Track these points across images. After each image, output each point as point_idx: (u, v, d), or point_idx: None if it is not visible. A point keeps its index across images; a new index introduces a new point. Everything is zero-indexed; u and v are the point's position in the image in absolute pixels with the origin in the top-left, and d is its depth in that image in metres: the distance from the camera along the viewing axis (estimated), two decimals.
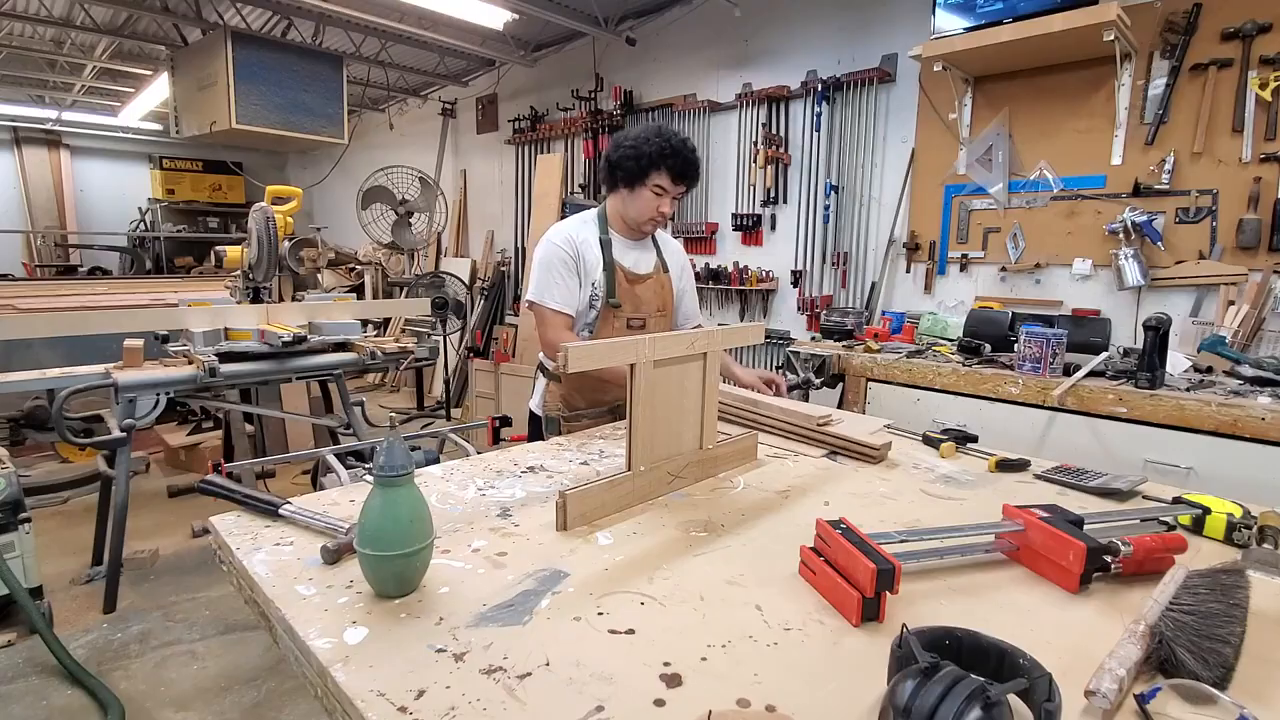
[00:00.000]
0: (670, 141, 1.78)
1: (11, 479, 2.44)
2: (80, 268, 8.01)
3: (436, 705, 0.66)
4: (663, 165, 1.77)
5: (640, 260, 1.96)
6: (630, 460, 1.17)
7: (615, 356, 1.13)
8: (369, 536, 0.84)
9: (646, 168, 1.78)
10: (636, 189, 1.82)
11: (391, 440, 0.85)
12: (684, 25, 4.67)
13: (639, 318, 1.92)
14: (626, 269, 1.90)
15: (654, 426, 1.19)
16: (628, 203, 1.86)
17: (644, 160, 1.77)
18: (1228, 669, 0.71)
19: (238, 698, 2.21)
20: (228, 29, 4.92)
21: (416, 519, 0.86)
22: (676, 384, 1.24)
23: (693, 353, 1.25)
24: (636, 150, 1.78)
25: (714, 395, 1.33)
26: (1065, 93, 3.06)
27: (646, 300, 1.92)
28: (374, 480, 0.86)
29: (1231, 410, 2.04)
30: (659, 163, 1.77)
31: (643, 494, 1.19)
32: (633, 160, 1.79)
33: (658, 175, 1.79)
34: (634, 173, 1.80)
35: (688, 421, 1.29)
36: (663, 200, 1.83)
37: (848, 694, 0.69)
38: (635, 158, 1.78)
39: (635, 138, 1.81)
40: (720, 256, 4.63)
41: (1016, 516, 0.98)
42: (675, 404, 1.25)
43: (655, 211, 1.84)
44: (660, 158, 1.77)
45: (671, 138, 1.79)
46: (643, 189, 1.81)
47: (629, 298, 1.89)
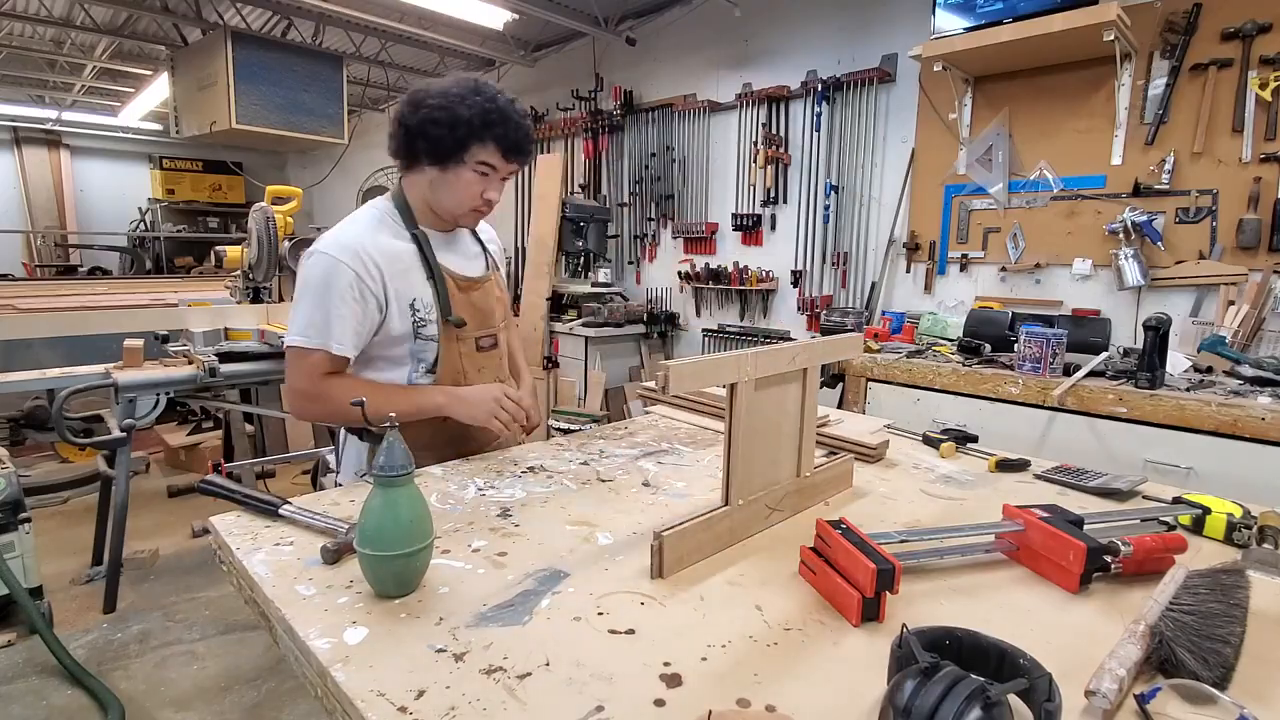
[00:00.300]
0: (497, 103, 1.31)
1: (11, 479, 2.44)
2: (80, 268, 8.01)
3: (436, 705, 0.66)
4: (487, 136, 1.31)
5: (468, 260, 1.52)
6: (727, 494, 1.02)
7: (719, 374, 0.97)
8: (369, 536, 0.83)
9: (465, 139, 1.31)
10: (451, 168, 1.34)
11: (391, 440, 0.85)
12: (684, 25, 4.67)
13: (489, 334, 1.51)
14: (456, 275, 1.45)
15: (752, 454, 1.04)
16: (439, 187, 1.38)
17: (462, 129, 1.30)
18: (1228, 669, 0.71)
19: (238, 698, 2.21)
20: (228, 29, 4.92)
21: (416, 519, 0.85)
22: (775, 405, 1.08)
23: (793, 368, 1.09)
24: (450, 114, 1.29)
25: (813, 416, 1.17)
26: (1065, 93, 3.06)
27: (490, 310, 1.51)
28: (374, 480, 0.85)
29: (1231, 410, 2.04)
30: (481, 132, 1.30)
31: (740, 532, 1.05)
32: (445, 128, 1.30)
33: (481, 148, 1.32)
34: (447, 146, 1.32)
35: (785, 447, 1.13)
36: (489, 181, 1.37)
37: (848, 694, 0.69)
38: (449, 124, 1.30)
39: (443, 94, 1.31)
40: (720, 256, 4.63)
41: (1016, 516, 0.98)
42: (773, 428, 1.10)
43: (479, 199, 1.38)
44: (484, 125, 1.30)
45: (497, 96, 1.32)
46: (460, 168, 1.34)
47: (469, 311, 1.45)
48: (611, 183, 5.28)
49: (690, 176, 4.72)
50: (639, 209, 5.10)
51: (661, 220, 4.96)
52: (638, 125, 5.02)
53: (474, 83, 1.34)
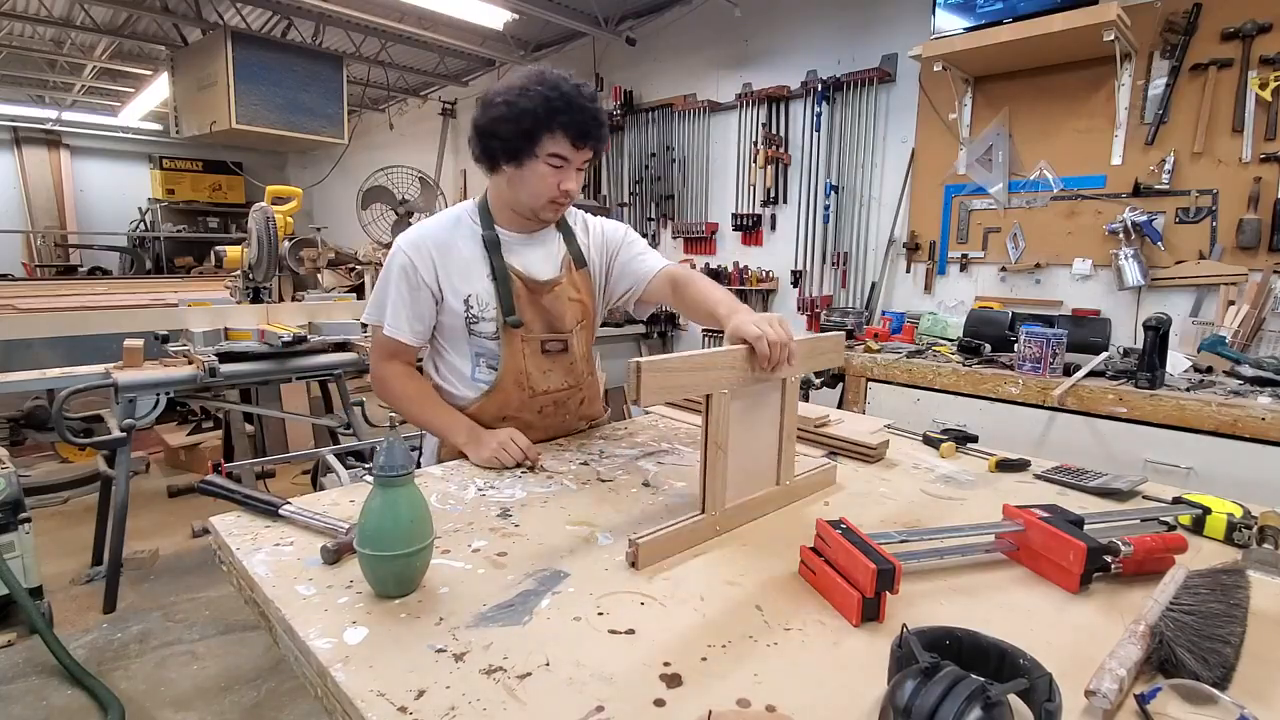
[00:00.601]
0: (561, 89, 1.28)
1: (11, 479, 2.44)
2: (80, 268, 8.02)
3: (436, 705, 0.66)
4: (554, 124, 1.29)
5: (542, 261, 1.49)
6: (705, 503, 1.03)
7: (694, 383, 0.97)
8: (369, 536, 0.83)
9: (533, 130, 1.29)
10: (525, 163, 1.34)
11: (391, 440, 0.85)
12: (684, 25, 4.67)
13: (557, 338, 1.48)
14: (524, 275, 1.44)
15: (729, 464, 1.04)
16: (516, 184, 1.38)
17: (527, 121, 1.29)
18: (1228, 669, 0.71)
19: (238, 698, 2.21)
20: (228, 29, 4.92)
21: (416, 519, 0.85)
22: (753, 413, 1.08)
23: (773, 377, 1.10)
24: (514, 109, 1.29)
25: (793, 424, 1.16)
26: (1065, 93, 3.06)
27: (560, 314, 1.48)
28: (374, 480, 0.85)
29: (1231, 410, 2.04)
30: (548, 122, 1.28)
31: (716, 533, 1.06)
32: (512, 123, 1.29)
33: (550, 139, 1.30)
34: (517, 140, 1.31)
35: (765, 455, 1.13)
36: (564, 173, 1.34)
37: (848, 694, 0.69)
38: (515, 119, 1.29)
39: (510, 91, 1.31)
40: (720, 256, 4.63)
41: (1016, 516, 0.98)
42: (752, 436, 1.09)
43: (556, 190, 1.36)
44: (549, 114, 1.28)
45: (561, 83, 1.29)
46: (533, 163, 1.33)
47: (535, 313, 1.44)
48: (611, 183, 5.28)
49: (690, 176, 4.72)
50: (639, 209, 5.10)
51: (661, 220, 4.96)
52: (638, 125, 5.02)
53: (539, 73, 1.32)
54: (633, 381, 0.92)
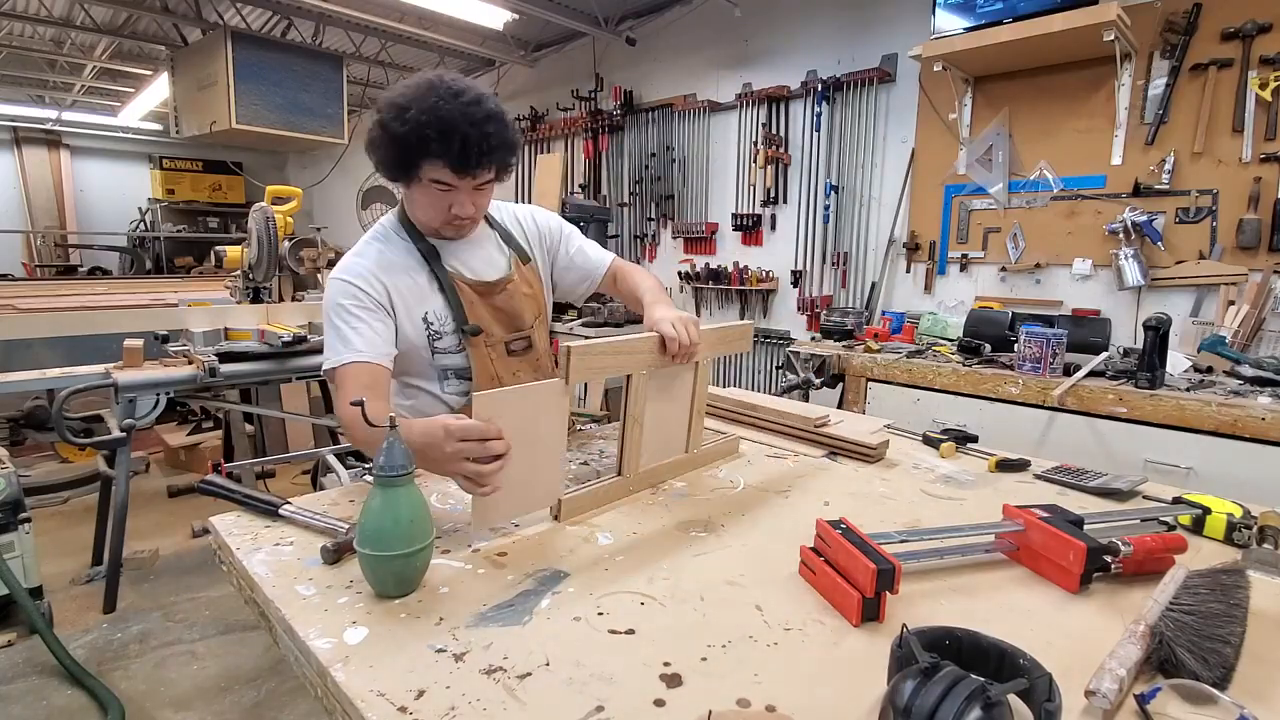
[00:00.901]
0: (439, 112, 1.16)
1: (11, 479, 2.44)
2: (80, 268, 8.01)
3: (436, 705, 0.66)
4: (429, 151, 1.18)
5: (485, 262, 1.43)
6: (621, 467, 1.21)
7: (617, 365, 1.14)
8: (369, 536, 0.83)
9: (410, 156, 1.20)
10: (411, 185, 1.28)
11: (391, 440, 0.85)
12: (684, 25, 4.67)
13: (519, 337, 1.44)
14: (471, 279, 1.38)
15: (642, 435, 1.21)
16: (409, 203, 1.34)
17: (401, 146, 1.19)
18: (1228, 669, 0.71)
19: (238, 698, 2.21)
20: (228, 29, 4.92)
21: (416, 519, 0.85)
22: (668, 390, 1.26)
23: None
24: (387, 133, 1.20)
25: (703, 399, 1.35)
26: (1065, 93, 3.06)
27: (517, 312, 1.43)
28: (374, 480, 0.85)
29: (1231, 410, 2.04)
30: (422, 148, 1.18)
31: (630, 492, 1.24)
32: (390, 148, 1.21)
33: (430, 166, 1.21)
34: (396, 164, 1.23)
35: (676, 427, 1.32)
36: (453, 196, 1.26)
37: (848, 694, 0.69)
38: (391, 143, 1.20)
39: (390, 106, 1.20)
40: (720, 256, 4.63)
41: (1016, 516, 0.98)
42: (665, 412, 1.27)
43: (447, 213, 1.28)
44: (421, 142, 1.17)
45: (441, 106, 1.16)
46: (418, 185, 1.26)
47: (491, 316, 1.40)
48: (611, 183, 5.28)
49: (690, 176, 4.72)
50: (639, 209, 5.09)
51: (661, 220, 4.96)
52: (638, 125, 5.02)
53: (426, 87, 1.19)
54: (564, 363, 1.05)
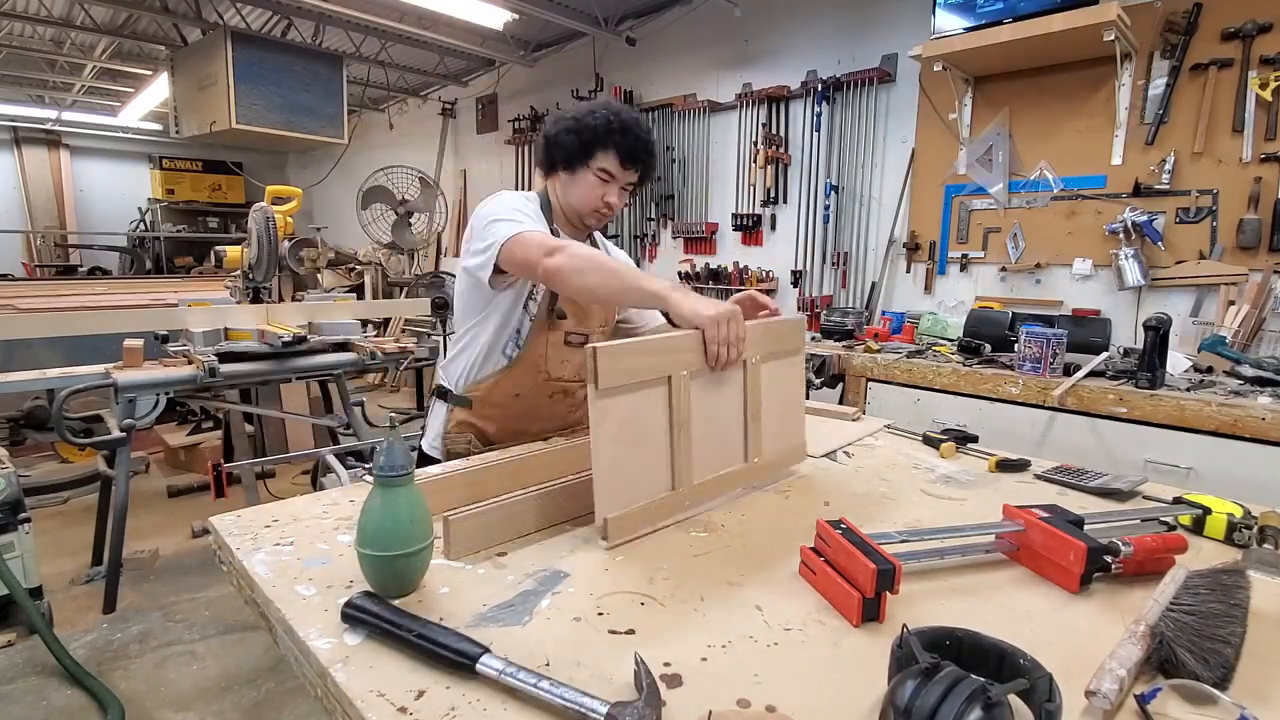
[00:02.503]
0: (620, 116, 1.49)
1: (11, 479, 2.44)
2: (80, 268, 8.02)
3: (436, 705, 0.66)
4: (609, 143, 1.47)
5: None
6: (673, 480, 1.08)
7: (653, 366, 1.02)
8: (369, 536, 0.83)
9: (590, 145, 1.48)
10: (578, 172, 1.52)
11: (391, 440, 0.84)
12: (684, 25, 4.67)
13: (580, 333, 1.60)
14: None
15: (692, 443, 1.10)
16: (568, 189, 1.55)
17: (586, 135, 1.48)
18: (1228, 669, 0.71)
19: (238, 698, 2.21)
20: (228, 29, 4.92)
21: (416, 519, 0.85)
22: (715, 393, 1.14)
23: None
24: (579, 124, 1.49)
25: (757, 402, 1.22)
26: (1065, 93, 3.06)
27: (590, 312, 1.62)
28: (374, 480, 0.85)
29: (1232, 410, 2.04)
30: (604, 140, 1.47)
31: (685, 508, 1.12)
32: (573, 135, 1.49)
33: (603, 155, 1.49)
34: (574, 151, 1.50)
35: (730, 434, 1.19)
36: (609, 188, 1.51)
37: (848, 694, 0.69)
38: (577, 131, 1.49)
39: (580, 110, 1.52)
40: (720, 256, 4.63)
41: (1017, 516, 0.98)
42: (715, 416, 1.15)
43: (600, 201, 1.52)
44: (606, 134, 1.47)
45: (622, 112, 1.50)
46: (585, 172, 1.51)
47: (571, 307, 1.57)
48: None
49: (690, 176, 4.72)
50: (639, 209, 5.10)
51: (661, 220, 4.96)
52: None
53: (605, 101, 1.54)
54: (591, 367, 0.96)
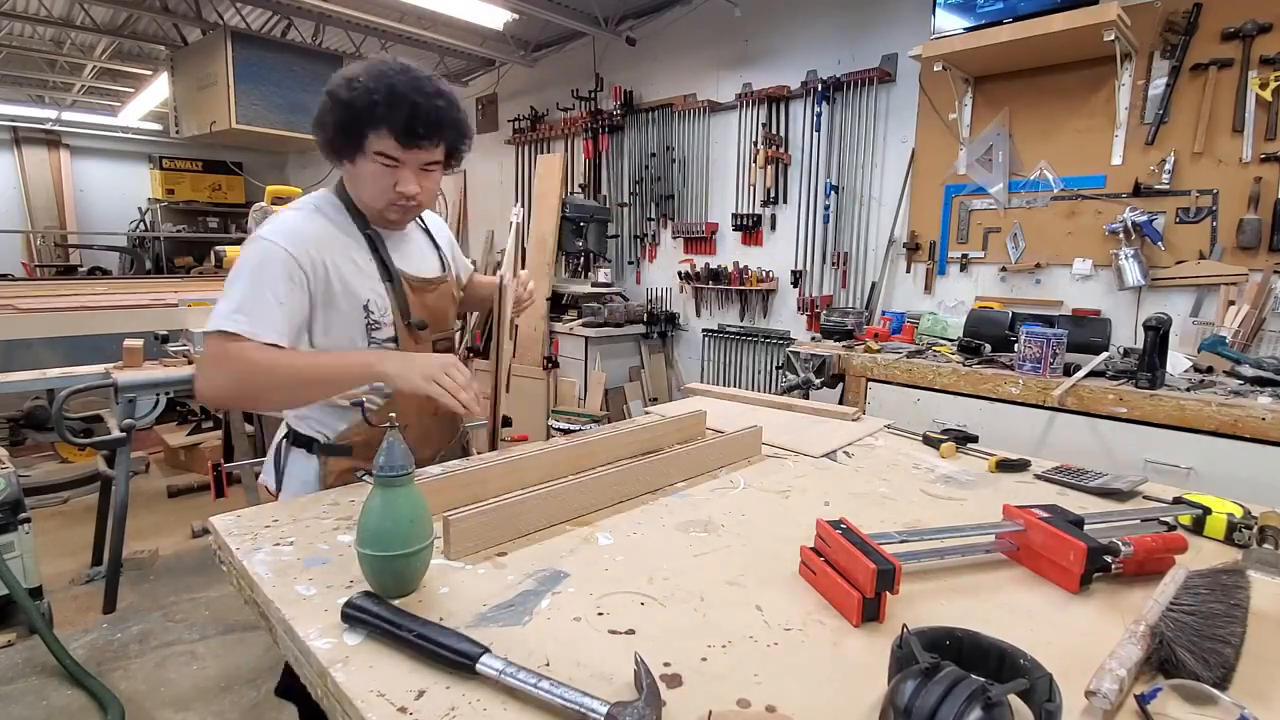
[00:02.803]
0: (387, 80, 1.15)
1: (11, 479, 2.44)
2: (80, 268, 8.01)
3: (436, 705, 0.66)
4: (379, 120, 1.16)
5: (421, 257, 1.41)
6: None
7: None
8: (369, 536, 0.83)
9: (358, 125, 1.17)
10: (356, 160, 1.22)
11: (391, 440, 0.84)
12: (684, 25, 4.67)
13: (444, 337, 1.43)
14: (409, 274, 1.34)
15: None
16: (353, 182, 1.27)
17: (350, 115, 1.17)
18: (1228, 669, 0.71)
19: (238, 698, 2.21)
20: (228, 29, 4.92)
21: (416, 519, 0.85)
22: None
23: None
24: (337, 101, 1.17)
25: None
26: (1065, 93, 3.06)
27: (445, 311, 1.43)
28: (374, 480, 0.85)
29: (1232, 410, 2.04)
30: (371, 117, 1.16)
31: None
32: (333, 116, 1.18)
33: (376, 137, 1.18)
34: (342, 137, 1.20)
35: None
36: (399, 173, 1.21)
37: (848, 694, 0.69)
38: (335, 111, 1.18)
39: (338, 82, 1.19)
40: (720, 256, 4.63)
41: (1017, 517, 0.98)
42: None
43: (392, 191, 1.22)
44: (370, 108, 1.15)
45: (390, 74, 1.16)
46: (363, 160, 1.21)
47: (423, 313, 1.36)
48: (611, 183, 5.28)
49: (690, 176, 4.72)
50: (639, 209, 5.10)
51: (661, 220, 4.96)
52: (638, 125, 5.02)
53: (376, 63, 1.18)
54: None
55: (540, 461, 1.23)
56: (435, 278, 1.42)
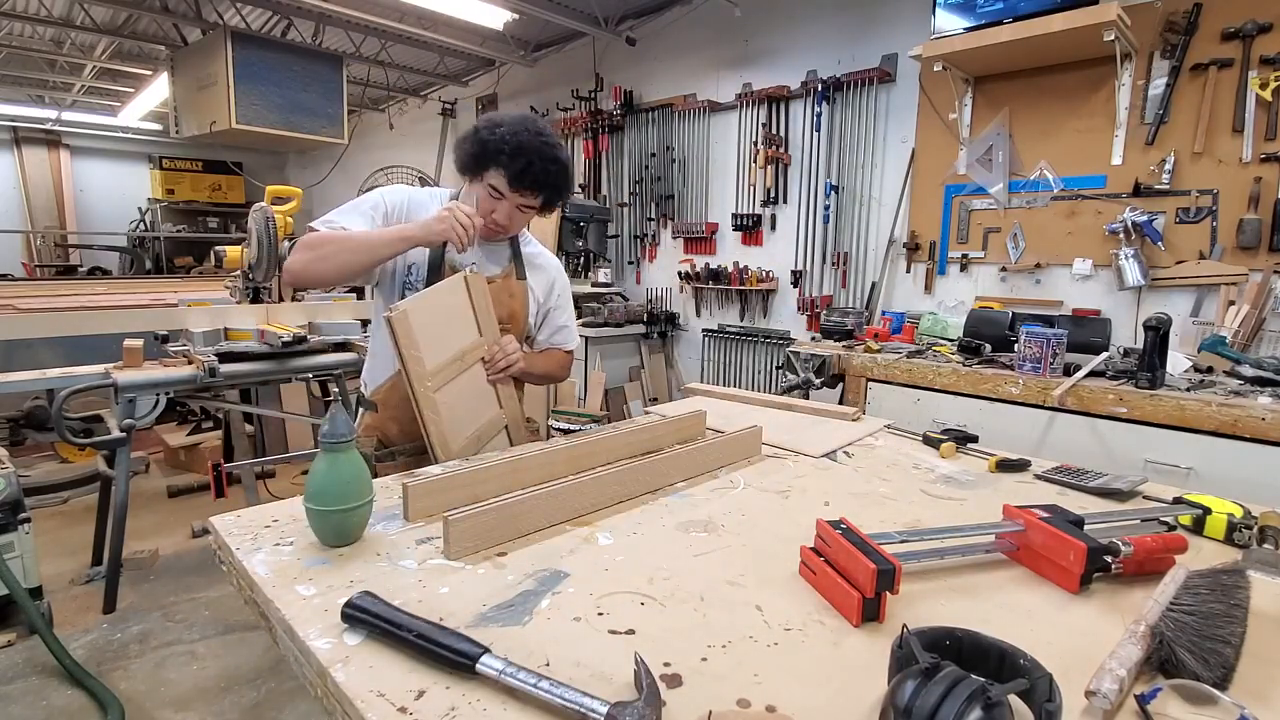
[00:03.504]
0: (518, 137, 1.46)
1: (11, 479, 2.43)
2: (80, 268, 8.01)
3: (436, 705, 0.66)
4: (499, 162, 1.46)
5: (487, 260, 1.64)
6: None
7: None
8: (314, 494, 0.96)
9: (483, 159, 1.49)
10: (474, 182, 1.55)
11: (334, 411, 0.98)
12: (684, 25, 4.67)
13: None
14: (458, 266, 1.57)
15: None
16: (468, 196, 1.58)
17: (480, 149, 1.48)
18: (1228, 669, 0.71)
19: (238, 698, 2.21)
20: (228, 29, 4.92)
21: (355, 480, 0.98)
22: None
23: None
24: (478, 136, 1.50)
25: None
26: (1065, 93, 3.06)
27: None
28: (320, 446, 0.97)
29: (1232, 410, 2.04)
30: (495, 158, 1.47)
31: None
32: (471, 147, 1.51)
33: (494, 173, 1.49)
34: (470, 162, 1.52)
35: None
36: (498, 204, 1.52)
37: (848, 694, 0.69)
38: (474, 145, 1.50)
39: (488, 120, 1.51)
40: (720, 256, 4.63)
41: (1017, 517, 0.98)
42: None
43: (489, 217, 1.53)
44: (497, 153, 1.46)
45: (523, 132, 1.47)
46: (479, 185, 1.53)
47: None
48: (611, 183, 5.28)
49: (690, 176, 4.72)
50: (639, 209, 5.10)
51: (661, 220, 4.96)
52: (638, 125, 5.02)
53: (520, 118, 1.50)
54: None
55: (540, 461, 1.23)
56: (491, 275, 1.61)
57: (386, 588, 0.86)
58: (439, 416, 1.37)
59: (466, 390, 1.49)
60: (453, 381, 1.43)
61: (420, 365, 1.33)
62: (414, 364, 1.31)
